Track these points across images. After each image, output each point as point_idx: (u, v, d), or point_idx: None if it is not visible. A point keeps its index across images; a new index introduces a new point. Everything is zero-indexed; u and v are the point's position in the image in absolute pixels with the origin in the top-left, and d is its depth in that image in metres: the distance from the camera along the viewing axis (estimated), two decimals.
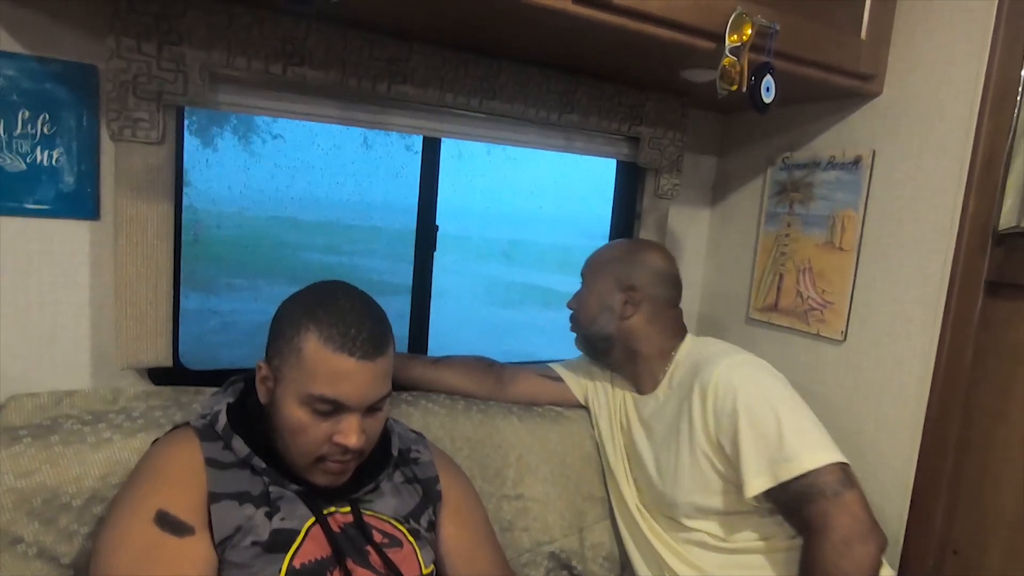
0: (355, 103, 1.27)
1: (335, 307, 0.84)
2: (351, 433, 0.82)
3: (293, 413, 0.82)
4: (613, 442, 1.33)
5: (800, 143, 1.56)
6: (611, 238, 1.73)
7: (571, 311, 1.34)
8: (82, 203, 1.14)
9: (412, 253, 1.50)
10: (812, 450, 1.02)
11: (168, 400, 1.10)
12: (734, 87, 1.14)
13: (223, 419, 0.87)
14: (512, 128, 1.46)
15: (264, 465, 0.85)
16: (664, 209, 1.63)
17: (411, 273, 1.49)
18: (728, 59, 1.13)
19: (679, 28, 1.11)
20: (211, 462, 0.84)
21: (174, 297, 1.20)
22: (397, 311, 1.56)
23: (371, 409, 0.85)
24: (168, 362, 1.16)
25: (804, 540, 1.02)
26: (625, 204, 1.70)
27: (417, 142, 1.45)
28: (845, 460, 1.02)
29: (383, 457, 0.97)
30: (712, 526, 1.14)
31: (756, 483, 1.04)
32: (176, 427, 0.92)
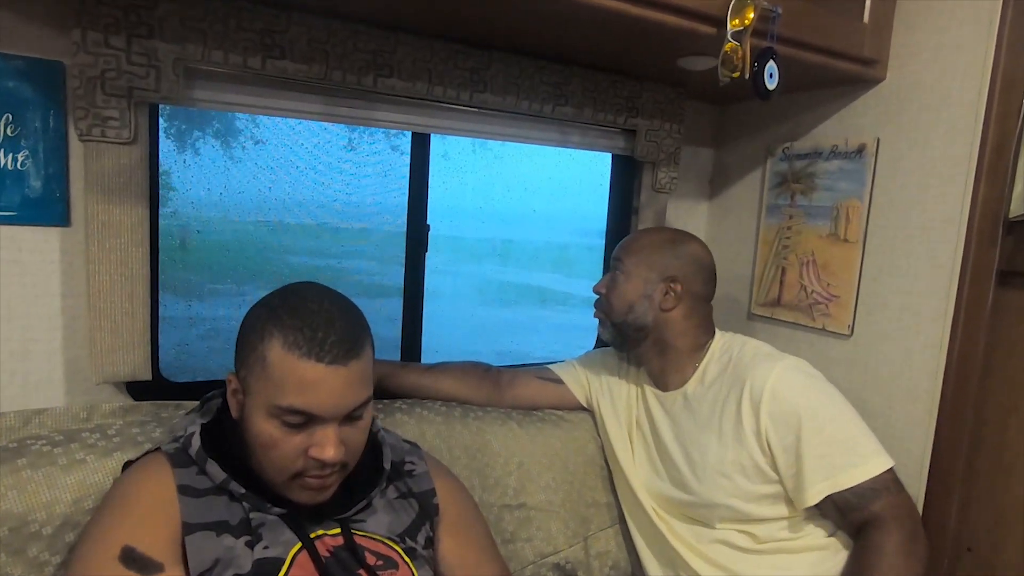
0: (339, 98, 1.21)
1: (302, 309, 0.77)
2: (327, 445, 0.76)
3: (263, 428, 0.76)
4: (625, 442, 1.28)
5: (800, 132, 1.52)
6: (608, 235, 1.68)
7: (598, 295, 1.25)
8: (51, 208, 1.07)
9: (402, 255, 1.44)
10: (874, 455, 1.05)
11: (147, 415, 1.03)
12: (736, 74, 1.10)
13: (196, 442, 0.81)
14: (504, 122, 1.40)
15: (243, 490, 0.79)
16: (663, 203, 1.58)
17: (401, 275, 1.44)
18: (730, 44, 1.08)
19: (679, 12, 1.06)
20: (184, 490, 0.78)
21: (152, 306, 1.14)
22: (388, 314, 1.50)
23: (350, 418, 0.79)
24: (147, 375, 1.09)
25: (863, 538, 1.04)
26: (621, 199, 1.65)
27: (404, 142, 1.39)
28: (893, 464, 1.06)
29: (374, 472, 0.91)
30: (748, 527, 1.11)
31: (818, 489, 1.04)
32: (148, 451, 0.86)
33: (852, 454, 1.05)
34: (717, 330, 1.24)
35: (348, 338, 0.77)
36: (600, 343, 1.55)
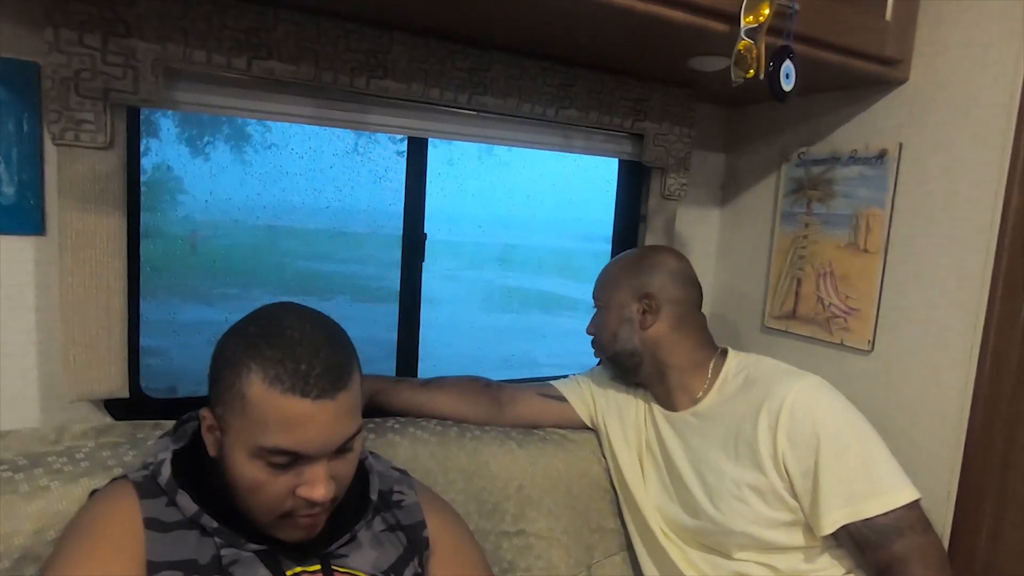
0: (331, 100, 1.15)
1: (281, 338, 0.70)
2: (317, 484, 0.69)
3: (246, 470, 0.70)
4: (635, 464, 1.21)
5: (817, 136, 1.44)
6: (614, 243, 1.61)
7: (591, 336, 1.24)
8: (24, 217, 1.02)
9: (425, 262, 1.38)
10: (899, 485, 0.98)
11: (121, 437, 0.97)
12: (750, 73, 1.03)
13: (167, 470, 0.75)
14: (505, 126, 1.34)
15: (215, 524, 0.73)
16: (672, 210, 1.51)
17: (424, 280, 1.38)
18: (744, 42, 1.01)
19: (690, 8, 1.00)
20: (151, 523, 0.71)
21: (132, 320, 1.08)
22: (393, 320, 1.44)
23: (339, 451, 0.72)
24: (123, 392, 1.03)
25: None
26: (629, 206, 1.58)
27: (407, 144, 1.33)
28: (920, 496, 0.99)
29: (360, 502, 0.84)
30: (768, 558, 1.05)
31: (835, 517, 0.97)
32: (115, 479, 0.79)
33: (874, 482, 0.98)
34: (730, 350, 1.18)
35: (334, 368, 0.70)
36: None
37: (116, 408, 1.10)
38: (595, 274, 1.26)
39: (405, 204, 1.34)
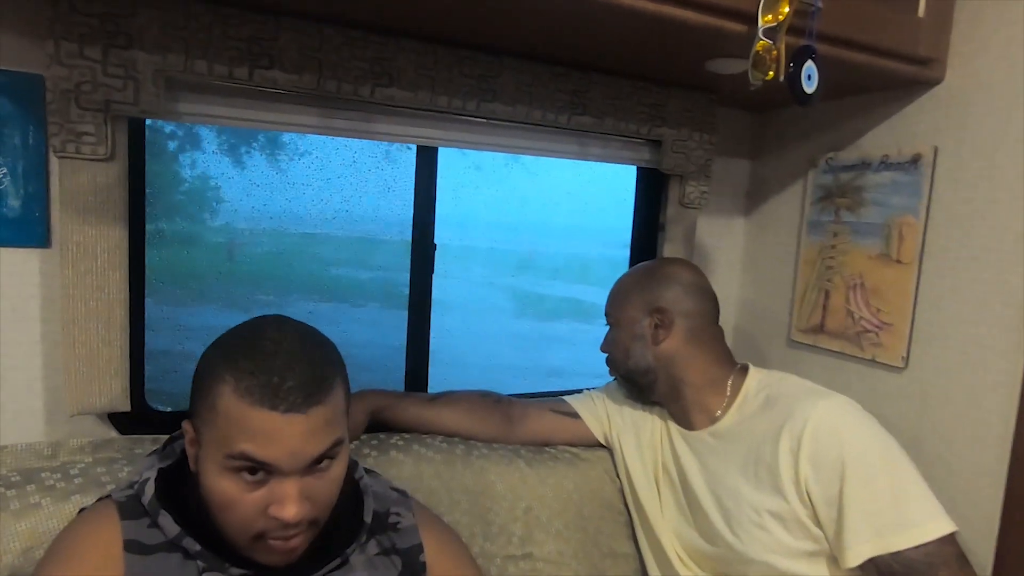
0: (335, 109, 1.13)
1: (257, 351, 0.68)
2: (287, 502, 0.66)
3: (217, 484, 0.67)
4: (651, 486, 1.16)
5: (846, 141, 1.37)
6: (632, 253, 1.56)
7: (606, 355, 1.19)
8: (30, 229, 1.02)
9: (445, 267, 1.35)
10: (932, 516, 0.90)
11: (119, 452, 0.96)
12: (769, 75, 0.97)
13: (151, 490, 0.73)
14: (517, 134, 1.30)
15: (198, 547, 0.70)
16: (691, 219, 1.45)
17: (440, 287, 1.35)
18: (762, 43, 0.95)
19: (704, 9, 0.95)
20: (131, 546, 0.69)
21: (136, 332, 1.07)
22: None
23: (315, 469, 0.69)
24: (125, 406, 1.02)
25: None
26: (647, 215, 1.52)
27: (445, 153, 1.30)
28: (956, 528, 0.90)
29: (354, 524, 0.81)
30: None
31: (861, 549, 0.90)
32: (101, 498, 0.77)
33: (904, 512, 0.90)
34: (751, 366, 1.11)
35: (309, 382, 0.67)
36: None
37: (120, 421, 1.10)
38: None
39: (414, 213, 1.31)
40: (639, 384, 1.15)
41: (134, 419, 1.10)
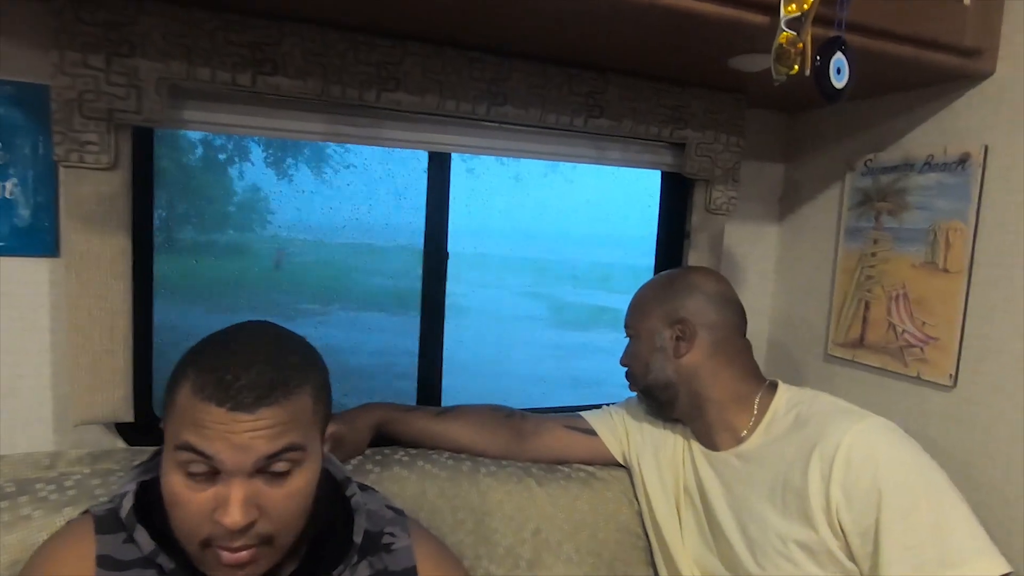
0: (342, 115, 1.11)
1: (223, 350, 0.67)
2: (230, 505, 0.62)
3: (168, 480, 0.65)
4: (671, 510, 1.09)
5: (887, 141, 1.28)
6: (657, 261, 1.49)
7: (625, 368, 1.13)
8: (39, 238, 1.02)
9: (482, 277, 1.32)
10: (981, 553, 0.81)
11: (117, 463, 0.95)
12: (794, 70, 0.90)
13: (128, 503, 0.70)
14: (530, 138, 1.25)
15: (172, 564, 0.67)
16: (719, 226, 1.38)
17: (473, 295, 1.31)
18: (785, 35, 0.88)
19: (723, 0, 0.89)
20: (105, 561, 0.67)
21: (142, 342, 1.06)
22: (458, 337, 1.38)
23: (269, 475, 0.65)
24: (128, 416, 1.01)
25: None
26: (672, 222, 1.46)
27: (478, 164, 1.28)
28: (1011, 569, 0.81)
29: (342, 544, 0.77)
30: None
31: None
32: (84, 511, 0.76)
33: (949, 549, 0.81)
34: (781, 383, 1.03)
35: (263, 383, 0.65)
36: None
37: (127, 431, 1.09)
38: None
39: (426, 221, 1.27)
40: (659, 400, 1.09)
41: (141, 429, 1.09)
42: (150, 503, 0.72)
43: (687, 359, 1.04)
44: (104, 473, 0.91)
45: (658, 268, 1.48)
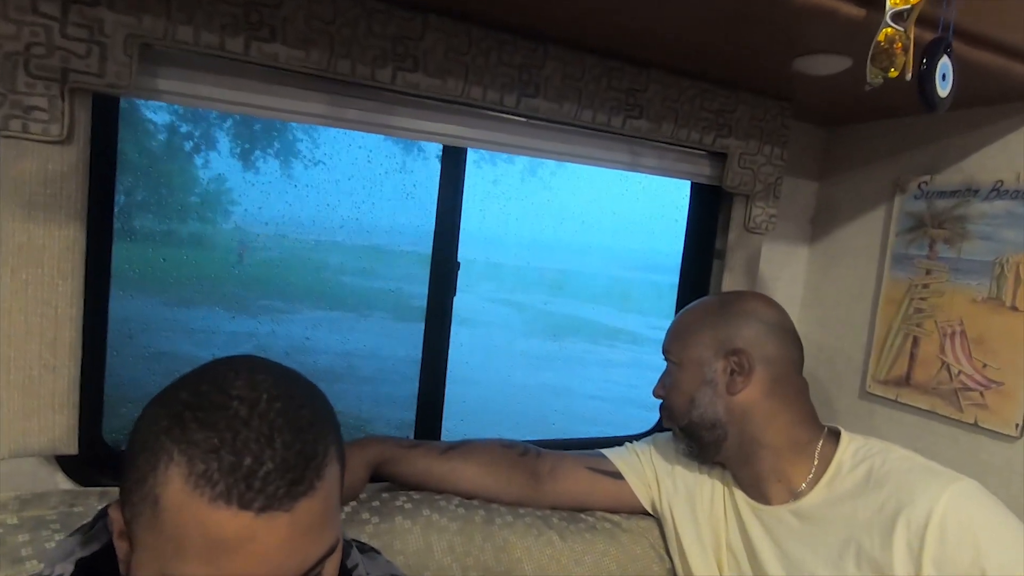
0: (348, 97, 0.94)
1: (221, 413, 0.46)
2: None
3: None
4: (709, 568, 0.95)
5: (945, 163, 1.17)
6: (683, 281, 1.36)
7: (659, 399, 0.98)
8: None
9: (461, 280, 1.16)
10: None
11: (53, 510, 0.76)
12: (892, 73, 0.77)
13: None
14: (560, 137, 1.11)
15: None
16: (756, 246, 1.25)
17: (461, 301, 1.15)
18: (889, 30, 0.76)
19: None
20: None
21: (91, 355, 0.87)
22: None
23: None
24: (71, 448, 0.83)
25: None
26: (702, 239, 1.32)
27: (479, 154, 1.11)
28: None
29: None
30: None
31: None
32: None
33: None
34: (844, 431, 0.90)
35: (298, 462, 0.46)
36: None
37: (71, 466, 0.90)
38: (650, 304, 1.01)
39: (436, 225, 1.11)
40: (702, 441, 0.94)
41: (88, 463, 0.90)
42: None
43: (742, 396, 0.90)
44: (35, 524, 0.72)
45: (684, 289, 1.34)
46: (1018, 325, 1.03)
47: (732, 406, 0.90)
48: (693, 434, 0.94)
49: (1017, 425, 1.02)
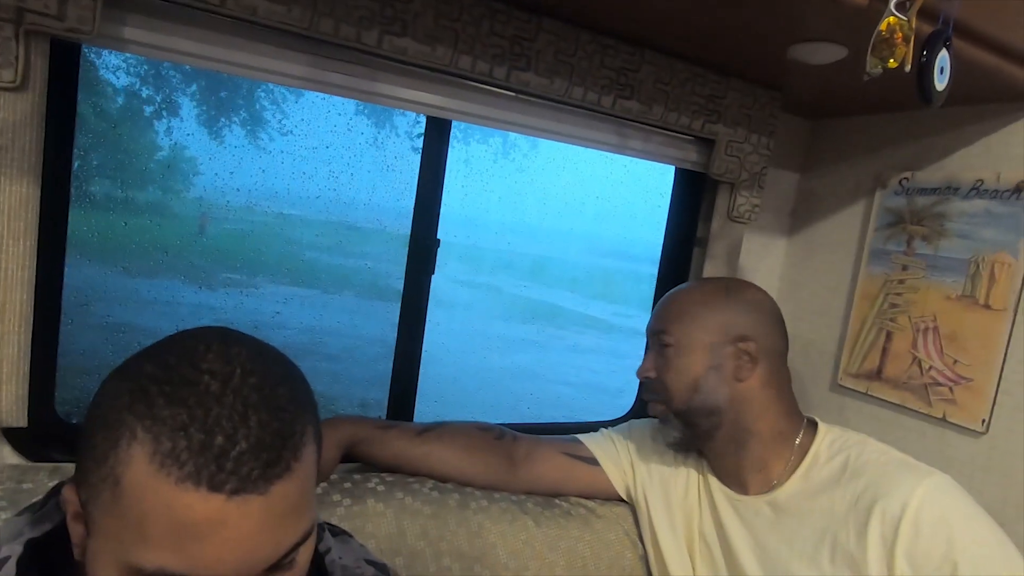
0: (330, 59, 0.89)
1: (189, 389, 0.42)
2: None
3: None
4: (682, 557, 0.95)
5: (927, 160, 1.18)
6: (662, 269, 1.34)
7: (646, 380, 0.95)
8: None
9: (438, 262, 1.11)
10: None
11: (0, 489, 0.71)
12: (891, 64, 0.76)
13: (12, 572, 0.48)
14: (549, 114, 1.07)
15: None
16: (738, 236, 1.25)
17: (437, 282, 1.11)
18: (892, 19, 0.74)
19: None
20: None
21: (43, 323, 0.82)
22: (395, 320, 1.19)
23: (275, 568, 0.46)
24: (19, 420, 0.77)
25: None
26: (683, 227, 1.31)
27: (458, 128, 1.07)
28: None
29: None
30: None
31: None
32: None
33: None
34: (820, 423, 0.91)
35: (273, 441, 0.43)
36: (642, 403, 1.21)
37: (19, 440, 0.84)
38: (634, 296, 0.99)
39: (416, 201, 1.07)
40: (697, 427, 0.91)
41: (38, 438, 0.84)
42: (46, 571, 0.50)
43: (746, 385, 0.89)
44: None
45: (664, 276, 1.33)
46: (990, 323, 1.05)
47: (736, 394, 0.89)
48: (689, 420, 0.92)
49: (983, 421, 1.05)
